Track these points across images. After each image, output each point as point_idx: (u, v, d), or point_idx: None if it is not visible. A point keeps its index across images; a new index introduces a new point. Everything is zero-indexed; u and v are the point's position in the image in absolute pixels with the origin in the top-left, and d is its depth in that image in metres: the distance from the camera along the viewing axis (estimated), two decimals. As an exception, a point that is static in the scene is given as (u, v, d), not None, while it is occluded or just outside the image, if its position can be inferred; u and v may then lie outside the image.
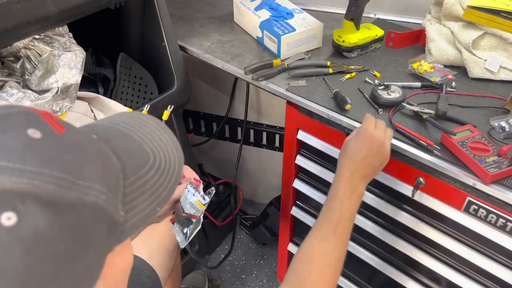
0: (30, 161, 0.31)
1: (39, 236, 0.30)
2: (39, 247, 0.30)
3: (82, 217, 0.33)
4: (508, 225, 0.84)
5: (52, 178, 0.32)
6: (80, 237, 0.33)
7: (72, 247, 0.32)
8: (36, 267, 0.30)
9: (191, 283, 1.68)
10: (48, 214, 0.31)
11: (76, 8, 0.91)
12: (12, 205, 0.29)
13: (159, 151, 0.44)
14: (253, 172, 1.96)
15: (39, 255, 0.30)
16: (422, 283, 1.09)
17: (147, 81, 1.25)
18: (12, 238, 0.29)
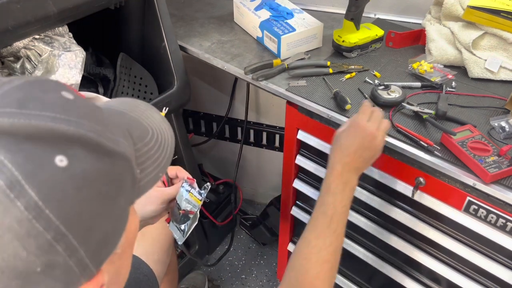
0: (72, 114, 0.36)
1: (86, 177, 0.35)
2: (87, 186, 0.35)
3: (116, 164, 0.38)
4: (508, 225, 0.84)
5: (92, 128, 0.37)
6: (115, 182, 0.38)
7: (111, 190, 0.37)
8: (86, 203, 0.35)
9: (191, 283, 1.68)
10: (91, 158, 0.36)
11: (76, 8, 0.91)
12: (63, 149, 0.34)
13: (154, 126, 0.48)
14: (253, 172, 1.96)
15: (87, 193, 0.35)
16: (422, 283, 1.09)
17: (147, 81, 1.25)
18: (65, 177, 0.34)
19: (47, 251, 0.33)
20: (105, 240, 0.38)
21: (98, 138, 0.37)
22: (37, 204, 0.32)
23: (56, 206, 0.33)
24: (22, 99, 0.35)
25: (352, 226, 1.17)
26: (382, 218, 1.10)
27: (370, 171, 1.02)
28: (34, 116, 0.34)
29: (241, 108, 1.75)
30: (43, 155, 0.33)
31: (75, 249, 0.34)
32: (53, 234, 0.33)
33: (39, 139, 0.33)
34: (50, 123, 0.34)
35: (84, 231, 0.35)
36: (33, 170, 0.32)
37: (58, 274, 0.34)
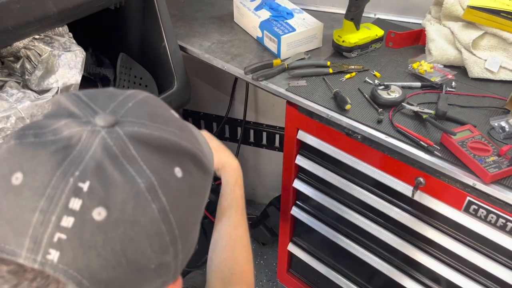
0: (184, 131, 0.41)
1: (194, 189, 0.40)
2: (194, 197, 0.40)
3: (207, 181, 0.43)
4: (508, 225, 0.84)
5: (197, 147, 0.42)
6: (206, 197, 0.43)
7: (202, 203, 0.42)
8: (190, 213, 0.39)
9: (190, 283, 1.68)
10: (197, 173, 0.41)
11: (76, 8, 0.91)
12: (180, 162, 0.39)
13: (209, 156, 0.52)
14: (253, 172, 1.96)
15: (193, 203, 0.40)
16: (422, 283, 1.09)
17: (147, 81, 1.25)
18: (182, 187, 0.38)
19: (163, 251, 0.37)
20: (191, 248, 0.42)
21: (202, 157, 0.42)
22: (165, 209, 0.36)
23: (176, 212, 0.37)
24: (152, 114, 0.39)
25: (352, 226, 1.17)
26: (382, 218, 1.10)
27: (370, 171, 1.02)
28: (163, 130, 0.38)
29: (241, 108, 1.75)
30: (168, 165, 0.38)
31: (179, 252, 0.39)
32: (170, 237, 0.37)
33: (165, 151, 0.38)
34: (174, 137, 0.39)
35: (186, 237, 0.39)
36: (164, 178, 0.37)
37: (163, 273, 0.38)
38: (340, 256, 1.31)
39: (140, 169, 0.35)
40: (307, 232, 1.39)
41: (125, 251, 0.34)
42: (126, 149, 0.36)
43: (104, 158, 0.34)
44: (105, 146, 0.35)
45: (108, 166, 0.34)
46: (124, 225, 0.34)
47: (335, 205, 1.18)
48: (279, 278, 1.64)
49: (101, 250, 0.33)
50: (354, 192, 1.10)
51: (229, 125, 1.84)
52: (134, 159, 0.36)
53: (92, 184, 0.34)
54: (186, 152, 0.39)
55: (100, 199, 0.34)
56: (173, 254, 0.38)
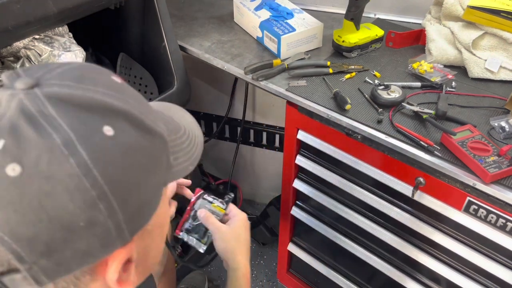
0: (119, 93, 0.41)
1: (129, 147, 0.39)
2: (129, 156, 0.39)
3: (154, 143, 0.43)
4: (508, 225, 0.84)
5: (135, 107, 0.41)
6: (153, 158, 0.42)
7: (149, 164, 0.41)
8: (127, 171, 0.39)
9: (190, 283, 1.68)
10: (135, 132, 0.40)
11: (76, 8, 0.91)
12: (111, 121, 0.38)
13: (186, 125, 0.52)
14: (253, 172, 1.96)
15: (129, 162, 0.39)
16: (422, 283, 1.09)
17: (147, 81, 1.25)
18: (112, 145, 0.38)
19: (90, 207, 0.36)
20: (140, 210, 0.41)
21: (141, 116, 0.41)
22: (87, 163, 0.36)
23: (102, 168, 0.37)
24: (79, 76, 0.40)
25: (352, 226, 1.17)
26: (382, 218, 1.10)
27: (370, 171, 1.02)
28: (88, 90, 0.39)
29: (241, 108, 1.75)
30: (94, 123, 0.38)
31: (115, 211, 0.38)
32: (97, 192, 0.36)
33: (91, 109, 0.38)
34: (101, 97, 0.39)
35: (124, 196, 0.38)
36: (85, 134, 0.37)
37: (98, 232, 0.37)
38: (340, 256, 1.31)
39: (57, 126, 0.36)
40: (307, 232, 1.39)
41: (44, 207, 0.35)
42: (43, 108, 0.36)
43: (19, 118, 0.35)
44: (21, 107, 0.36)
45: (22, 124, 0.35)
46: (39, 180, 0.35)
47: (335, 205, 1.18)
48: (279, 278, 1.64)
49: (18, 206, 0.34)
50: (354, 192, 1.10)
51: (229, 125, 1.84)
52: (51, 117, 0.36)
53: (6, 143, 0.35)
54: (118, 111, 0.39)
55: (13, 155, 0.35)
56: (107, 212, 0.37)
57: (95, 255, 0.39)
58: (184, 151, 0.50)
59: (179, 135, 0.50)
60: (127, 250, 0.41)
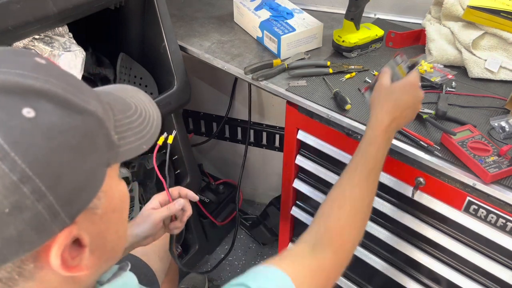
0: (41, 73, 0.40)
1: (54, 128, 0.38)
2: (55, 137, 0.37)
3: (86, 122, 0.41)
4: (508, 225, 0.84)
5: (59, 86, 0.40)
6: (86, 138, 0.41)
7: (81, 145, 0.40)
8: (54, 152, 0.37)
9: (191, 283, 1.68)
10: (59, 112, 0.38)
11: (76, 8, 0.91)
12: (30, 102, 0.37)
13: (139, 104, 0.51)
14: (253, 172, 1.96)
15: (55, 143, 0.37)
16: (422, 283, 1.09)
17: (147, 81, 1.25)
18: (33, 126, 0.36)
19: (13, 192, 0.35)
20: (76, 192, 0.39)
21: (66, 95, 0.40)
22: (3, 147, 0.35)
23: (22, 151, 0.35)
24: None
25: (352, 226, 1.17)
26: (382, 218, 1.09)
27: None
28: (3, 73, 0.37)
29: (241, 108, 1.75)
30: (10, 106, 0.36)
31: (43, 194, 0.36)
32: (18, 176, 0.35)
33: (6, 92, 0.36)
34: (17, 78, 0.37)
35: (53, 177, 0.37)
36: (1, 118, 0.35)
37: (28, 218, 0.36)
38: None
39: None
40: (307, 232, 1.39)
41: None
42: None
43: None
44: None
45: None
46: None
47: (335, 205, 1.18)
48: (279, 278, 1.64)
49: None
50: (354, 192, 1.10)
51: (229, 125, 1.84)
52: None
53: None
54: (38, 91, 0.38)
55: None
56: (33, 196, 0.36)
57: (31, 242, 0.37)
58: (134, 130, 0.48)
59: (127, 114, 0.48)
60: (67, 233, 0.40)
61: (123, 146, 0.46)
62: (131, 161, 1.39)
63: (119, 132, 0.46)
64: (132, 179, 1.35)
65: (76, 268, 0.42)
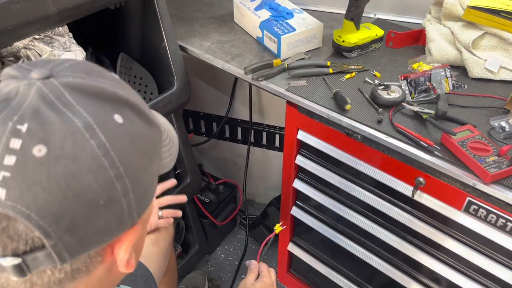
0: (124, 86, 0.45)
1: (137, 134, 0.43)
2: (137, 142, 0.43)
3: (154, 132, 0.46)
4: (508, 225, 0.84)
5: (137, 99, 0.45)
6: (154, 147, 0.46)
7: (151, 152, 0.45)
8: (136, 155, 0.42)
9: (191, 283, 1.68)
10: (140, 121, 0.44)
11: (76, 8, 0.91)
12: (119, 110, 0.42)
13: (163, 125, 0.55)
14: (253, 172, 1.96)
15: (137, 147, 0.42)
16: (422, 283, 1.09)
17: (147, 81, 1.25)
18: (122, 131, 0.41)
19: (110, 186, 0.39)
20: (145, 193, 0.44)
21: (143, 106, 0.45)
22: (105, 146, 0.39)
23: (117, 151, 0.40)
24: (88, 69, 0.43)
25: (352, 226, 1.17)
26: (382, 218, 1.10)
27: (370, 171, 1.02)
28: (98, 81, 0.42)
29: (241, 108, 1.75)
30: (106, 111, 0.41)
31: (128, 191, 0.41)
32: (115, 172, 0.39)
33: (103, 98, 0.41)
34: (110, 87, 0.42)
35: (135, 178, 0.42)
36: (101, 119, 0.40)
37: (115, 211, 0.40)
38: (340, 256, 1.31)
39: (76, 111, 0.39)
40: (307, 232, 1.39)
41: (70, 185, 0.37)
42: (61, 95, 0.39)
43: (40, 103, 0.38)
44: (41, 93, 0.38)
45: (44, 109, 0.38)
46: (65, 160, 0.37)
47: (335, 205, 1.18)
48: (279, 278, 1.64)
49: (46, 184, 0.36)
50: (354, 192, 1.10)
51: (229, 125, 1.84)
52: (69, 104, 0.39)
53: (30, 126, 0.37)
54: (125, 101, 0.43)
55: (39, 137, 0.36)
56: (122, 191, 0.40)
57: (110, 234, 0.41)
58: (166, 147, 0.54)
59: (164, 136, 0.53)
60: (135, 231, 0.44)
61: (163, 160, 0.52)
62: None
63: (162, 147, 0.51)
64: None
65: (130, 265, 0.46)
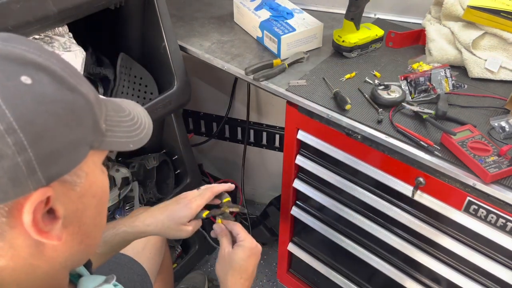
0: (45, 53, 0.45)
1: (46, 96, 0.42)
2: (44, 104, 0.42)
3: (76, 100, 0.45)
4: (508, 225, 0.84)
5: (58, 66, 0.45)
6: (73, 114, 0.44)
7: (67, 117, 0.44)
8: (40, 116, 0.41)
9: (191, 283, 1.68)
10: (54, 85, 0.43)
11: (76, 8, 0.91)
12: (30, 72, 0.42)
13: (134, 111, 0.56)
14: (253, 172, 1.96)
15: (44, 108, 0.41)
16: (422, 283, 1.09)
17: (147, 81, 1.25)
18: (26, 91, 0.41)
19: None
20: (54, 156, 0.43)
21: (62, 74, 0.44)
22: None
23: (12, 106, 0.39)
24: (7, 37, 0.44)
25: (352, 226, 1.17)
26: (382, 218, 1.10)
27: (370, 171, 1.02)
28: (11, 46, 0.43)
29: (241, 108, 1.75)
30: (12, 71, 0.41)
31: (24, 147, 0.40)
32: (5, 126, 0.38)
33: (12, 60, 0.42)
34: (23, 52, 0.43)
35: (35, 136, 0.40)
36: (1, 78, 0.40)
37: (6, 166, 0.39)
38: (340, 256, 1.31)
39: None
40: (307, 232, 1.39)
41: None
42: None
43: None
44: None
45: None
46: None
47: (335, 205, 1.18)
48: (279, 278, 1.64)
49: None
50: (354, 192, 1.10)
51: (229, 125, 1.84)
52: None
53: None
54: (38, 65, 0.43)
55: None
56: (15, 147, 0.39)
57: (6, 192, 0.40)
58: (124, 128, 0.53)
59: (120, 115, 0.53)
60: (41, 193, 0.42)
61: (109, 137, 0.50)
62: (132, 161, 1.39)
63: (108, 125, 0.50)
64: (132, 179, 1.35)
65: (46, 234, 0.44)
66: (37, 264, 0.46)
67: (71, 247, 0.49)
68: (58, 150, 0.43)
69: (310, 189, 1.23)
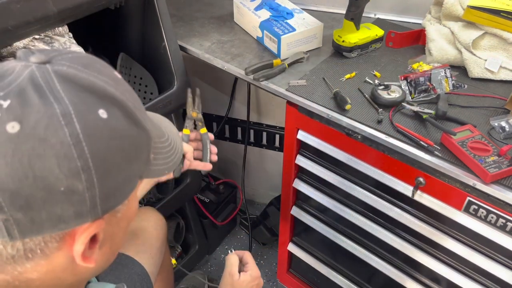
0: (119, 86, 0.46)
1: (118, 132, 0.43)
2: (117, 139, 0.43)
3: (140, 135, 0.47)
4: (508, 225, 0.84)
5: (130, 101, 0.46)
6: (136, 148, 0.46)
7: (131, 152, 0.45)
8: (111, 151, 0.43)
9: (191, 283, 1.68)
10: (125, 121, 0.44)
11: (76, 8, 0.91)
12: (106, 106, 0.43)
13: (170, 135, 0.57)
14: (253, 172, 1.96)
15: (115, 144, 0.43)
16: (422, 283, 1.09)
17: (147, 81, 1.25)
18: (103, 125, 0.42)
19: (73, 175, 0.40)
20: (114, 191, 0.44)
21: (133, 109, 0.46)
22: (78, 135, 0.40)
23: (90, 143, 0.40)
24: (87, 63, 0.44)
25: (353, 226, 1.17)
26: (382, 218, 1.10)
27: (370, 171, 1.02)
28: (93, 76, 0.43)
29: (241, 108, 1.75)
30: (91, 104, 0.42)
31: (93, 184, 0.41)
32: (82, 163, 0.40)
33: (91, 92, 0.42)
34: (102, 84, 0.43)
35: (104, 173, 0.42)
36: (82, 110, 0.40)
37: (75, 201, 0.41)
38: (340, 256, 1.31)
39: (59, 98, 0.40)
40: (307, 232, 1.39)
41: (33, 166, 0.38)
42: (50, 81, 0.40)
43: (28, 85, 0.39)
44: (32, 76, 0.40)
45: (29, 91, 0.39)
46: (34, 140, 0.38)
47: (335, 205, 1.18)
48: (279, 278, 1.64)
49: (10, 159, 0.37)
50: (354, 192, 1.10)
51: (229, 125, 1.84)
52: (55, 90, 0.40)
53: (11, 103, 0.38)
54: (114, 99, 0.44)
55: (16, 115, 0.38)
56: (86, 183, 0.40)
57: (67, 222, 0.41)
58: (164, 155, 0.54)
59: (162, 140, 0.54)
60: (96, 226, 0.44)
61: (153, 166, 0.52)
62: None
63: (154, 153, 0.52)
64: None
65: (89, 259, 0.46)
66: (65, 277, 0.48)
67: (100, 266, 0.52)
68: (118, 185, 0.45)
69: (310, 189, 1.23)
